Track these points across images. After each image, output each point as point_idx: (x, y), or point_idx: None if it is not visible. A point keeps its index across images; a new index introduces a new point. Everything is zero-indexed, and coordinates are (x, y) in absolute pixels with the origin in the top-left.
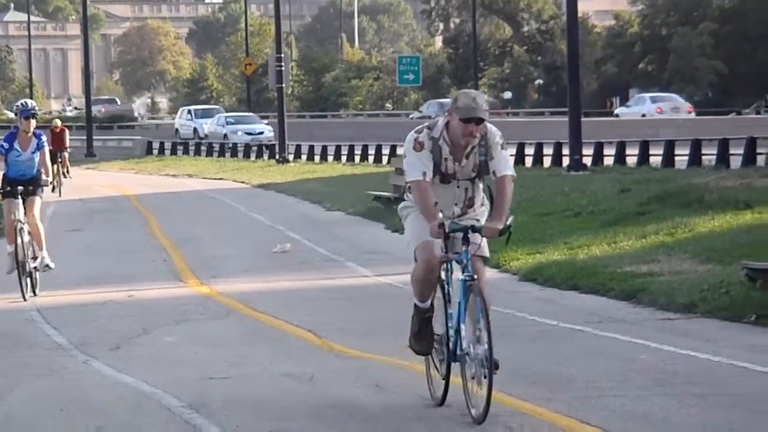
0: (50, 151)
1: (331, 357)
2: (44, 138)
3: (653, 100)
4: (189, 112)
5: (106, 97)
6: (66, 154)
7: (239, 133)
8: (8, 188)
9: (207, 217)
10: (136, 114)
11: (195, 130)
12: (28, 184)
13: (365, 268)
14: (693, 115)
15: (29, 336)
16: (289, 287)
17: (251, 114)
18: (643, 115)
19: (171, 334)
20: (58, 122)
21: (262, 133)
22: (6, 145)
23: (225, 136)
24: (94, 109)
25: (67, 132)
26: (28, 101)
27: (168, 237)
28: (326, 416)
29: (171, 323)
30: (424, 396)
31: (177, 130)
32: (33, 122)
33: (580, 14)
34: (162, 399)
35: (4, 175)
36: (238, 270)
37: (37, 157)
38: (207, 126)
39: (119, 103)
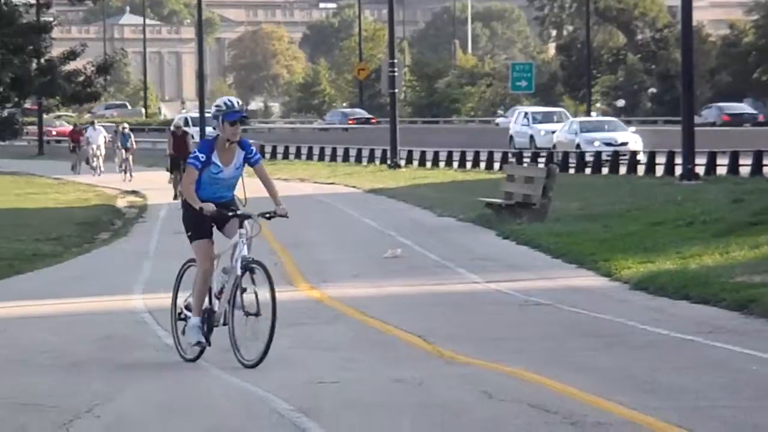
0: (173, 157)
1: (441, 363)
2: (255, 150)
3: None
4: (525, 115)
5: (117, 102)
6: None
7: (596, 143)
8: (201, 224)
9: (318, 222)
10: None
11: (531, 137)
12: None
13: (476, 275)
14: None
15: (140, 337)
16: (399, 292)
17: (612, 119)
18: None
19: (282, 338)
20: (181, 123)
21: (626, 143)
22: (202, 157)
23: (578, 145)
24: (107, 112)
25: (190, 134)
26: (233, 100)
27: (279, 241)
28: (435, 421)
29: (282, 326)
30: (533, 404)
31: (511, 137)
32: (239, 129)
33: (694, 23)
34: (272, 402)
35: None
36: (349, 274)
37: (240, 175)
38: (556, 133)
39: (129, 107)
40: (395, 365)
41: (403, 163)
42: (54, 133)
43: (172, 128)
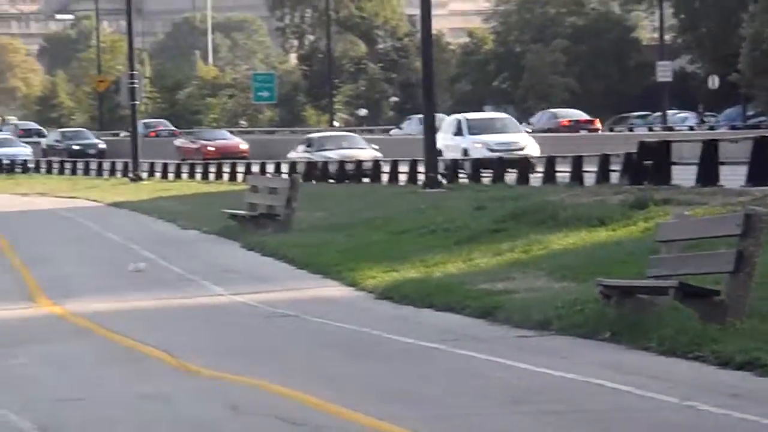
0: None
1: (187, 377)
2: None
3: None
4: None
5: None
6: None
7: None
8: None
9: (59, 237)
10: None
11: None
12: None
13: (221, 287)
14: None
15: None
16: (143, 307)
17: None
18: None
19: (22, 356)
20: None
21: None
22: None
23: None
24: None
25: None
26: None
27: (18, 256)
28: None
29: (22, 344)
30: (281, 416)
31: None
32: None
33: (434, 32)
34: (13, 422)
35: None
36: (92, 290)
37: None
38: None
39: None
40: (141, 381)
41: (145, 175)
42: None
43: None
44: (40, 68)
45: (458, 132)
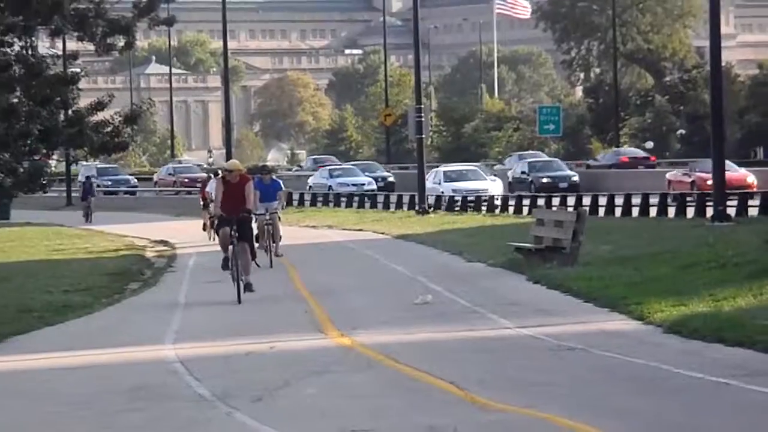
0: (223, 219)
1: (474, 410)
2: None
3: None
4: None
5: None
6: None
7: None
8: None
9: (347, 269)
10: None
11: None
12: None
13: (507, 320)
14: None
15: (172, 388)
16: (430, 339)
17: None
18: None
19: (313, 386)
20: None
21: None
22: None
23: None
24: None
25: (252, 180)
26: None
27: (309, 288)
28: None
29: (313, 375)
30: None
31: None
32: None
33: (723, 63)
34: None
35: None
36: (379, 321)
37: None
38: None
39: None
40: (428, 412)
41: (431, 209)
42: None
43: (220, 173)
44: (329, 102)
45: None
